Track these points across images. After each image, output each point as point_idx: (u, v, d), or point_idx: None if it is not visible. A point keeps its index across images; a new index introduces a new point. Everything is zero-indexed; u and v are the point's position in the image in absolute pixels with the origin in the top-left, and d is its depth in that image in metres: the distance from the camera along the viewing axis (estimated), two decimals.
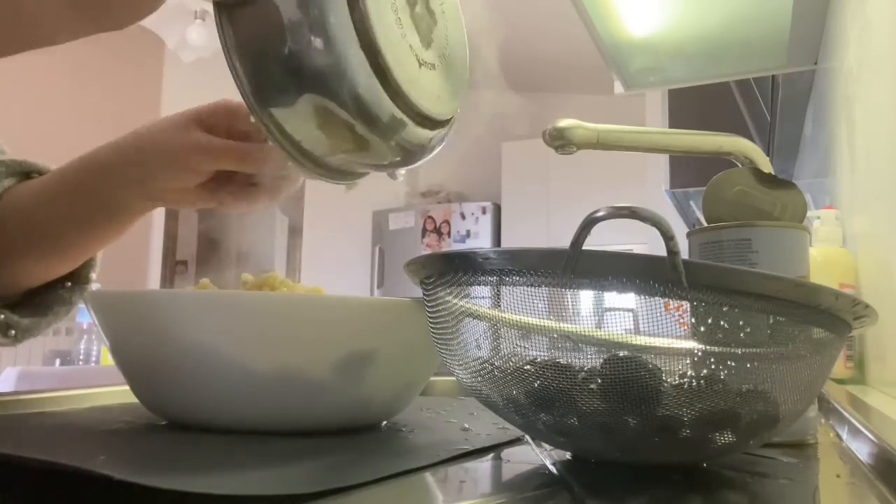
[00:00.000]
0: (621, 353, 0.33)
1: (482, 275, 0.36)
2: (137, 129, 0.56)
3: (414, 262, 0.40)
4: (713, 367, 0.34)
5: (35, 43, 0.39)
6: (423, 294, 0.41)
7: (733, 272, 0.33)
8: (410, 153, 0.45)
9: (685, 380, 0.34)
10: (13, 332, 0.59)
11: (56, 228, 0.58)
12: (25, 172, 0.60)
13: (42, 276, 0.61)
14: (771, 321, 0.33)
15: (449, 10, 0.48)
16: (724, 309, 0.32)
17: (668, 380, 0.33)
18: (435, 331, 0.40)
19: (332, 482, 0.30)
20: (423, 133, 0.44)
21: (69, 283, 0.63)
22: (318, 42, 0.39)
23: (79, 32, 0.38)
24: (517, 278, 0.35)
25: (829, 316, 0.34)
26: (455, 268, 0.37)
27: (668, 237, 0.31)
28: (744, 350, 0.33)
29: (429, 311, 0.41)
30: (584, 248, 0.32)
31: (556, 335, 0.35)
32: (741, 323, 0.33)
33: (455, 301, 0.38)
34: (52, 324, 0.62)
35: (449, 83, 0.47)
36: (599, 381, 0.33)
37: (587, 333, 0.34)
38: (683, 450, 0.35)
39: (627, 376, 0.33)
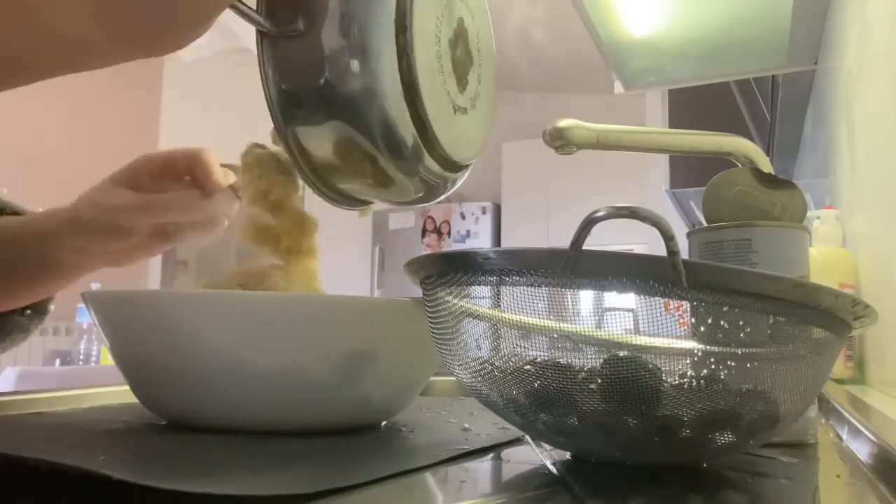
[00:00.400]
0: (621, 353, 0.33)
1: (482, 275, 0.36)
2: (80, 196, 0.58)
3: (414, 262, 0.40)
4: (713, 367, 0.34)
5: (69, 67, 0.38)
6: (423, 294, 0.41)
7: (733, 272, 0.33)
8: (431, 191, 0.46)
9: (685, 380, 0.34)
10: None
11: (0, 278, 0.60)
12: None
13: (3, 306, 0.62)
14: (771, 321, 0.33)
15: (483, 47, 0.48)
16: (724, 309, 0.32)
17: (668, 380, 0.33)
18: (435, 331, 0.40)
19: (332, 482, 0.30)
20: (447, 175, 0.45)
21: (28, 311, 0.64)
22: (359, 83, 0.39)
23: (113, 57, 0.37)
24: (517, 278, 0.35)
25: (829, 316, 0.34)
26: (455, 268, 0.37)
27: (668, 237, 0.31)
28: (744, 350, 0.33)
29: (429, 311, 0.41)
30: (584, 248, 0.32)
31: (556, 335, 0.35)
32: (741, 323, 0.33)
33: (455, 301, 0.38)
34: (7, 349, 0.64)
35: (476, 125, 0.48)
36: (599, 381, 0.33)
37: (587, 333, 0.34)
38: (683, 450, 0.35)
39: (627, 376, 0.33)
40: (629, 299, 0.33)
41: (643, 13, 1.28)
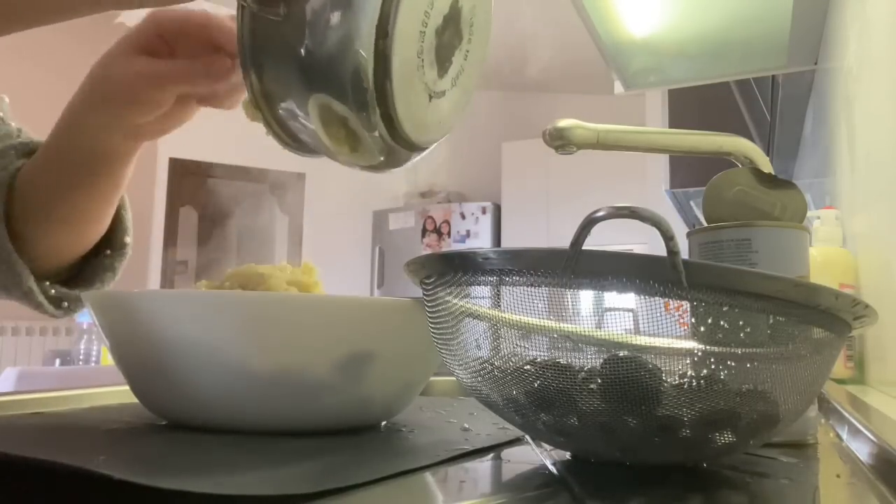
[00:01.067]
0: (621, 353, 0.33)
1: (482, 275, 0.36)
2: (92, 67, 0.54)
3: (414, 262, 0.40)
4: (713, 367, 0.34)
5: (57, 13, 0.39)
6: (423, 294, 0.41)
7: (733, 272, 0.33)
8: (391, 160, 0.45)
9: (685, 380, 0.34)
10: (66, 303, 0.61)
11: (60, 192, 0.58)
12: (34, 151, 0.61)
13: (76, 243, 0.62)
14: (771, 321, 0.33)
15: (479, 20, 0.47)
16: (724, 309, 0.32)
17: (668, 380, 0.33)
18: (435, 331, 0.40)
19: (332, 482, 0.30)
20: (408, 154, 0.45)
21: (108, 251, 0.64)
22: (331, 38, 0.39)
23: (101, 3, 0.38)
24: (517, 278, 0.35)
25: (829, 316, 0.34)
26: (455, 268, 0.37)
27: (668, 237, 0.31)
28: (744, 350, 0.33)
29: (429, 311, 0.41)
30: (584, 248, 0.32)
31: (556, 335, 0.35)
32: (741, 323, 0.33)
33: (455, 301, 0.38)
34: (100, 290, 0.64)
35: (453, 102, 0.47)
36: (599, 381, 0.33)
37: (587, 333, 0.34)
38: (683, 450, 0.35)
39: (627, 376, 0.33)
40: (629, 299, 0.33)
41: (643, 13, 1.28)
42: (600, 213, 0.33)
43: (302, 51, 0.39)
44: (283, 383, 0.42)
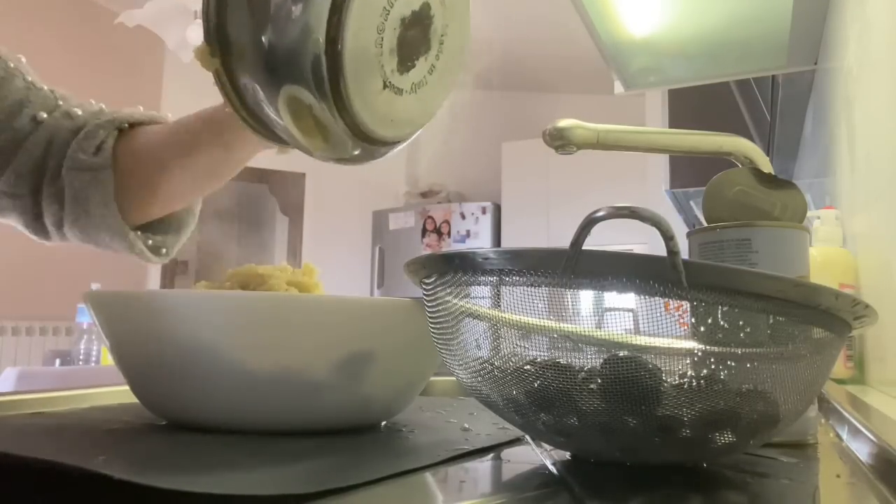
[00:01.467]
0: (621, 353, 0.33)
1: (482, 275, 0.36)
2: None
3: (414, 262, 0.40)
4: (713, 367, 0.34)
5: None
6: (423, 294, 0.41)
7: (733, 272, 0.33)
8: (342, 152, 0.46)
9: (685, 380, 0.34)
10: (164, 250, 0.65)
11: (175, 180, 0.62)
12: (119, 128, 0.63)
13: (191, 196, 0.66)
14: (771, 321, 0.33)
15: (449, 46, 0.48)
16: (724, 309, 0.33)
17: (668, 380, 0.33)
18: (435, 331, 0.40)
19: (332, 482, 0.30)
20: (357, 143, 0.45)
21: None
22: (293, 35, 0.40)
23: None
24: (517, 278, 0.35)
25: (829, 316, 0.34)
26: (455, 268, 0.37)
27: (668, 237, 0.31)
28: (744, 350, 0.33)
29: (429, 311, 0.41)
30: (584, 248, 0.32)
31: (556, 335, 0.35)
32: (741, 323, 0.33)
33: (455, 301, 0.38)
34: (185, 239, 0.68)
35: (410, 112, 0.47)
36: (599, 381, 0.33)
37: (587, 333, 0.34)
38: (683, 450, 0.35)
39: (627, 376, 0.33)
40: (629, 299, 0.33)
41: (643, 13, 1.28)
42: (600, 213, 0.33)
43: (264, 38, 0.40)
44: (283, 383, 0.42)
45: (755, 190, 0.48)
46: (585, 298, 0.34)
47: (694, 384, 0.34)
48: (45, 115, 0.61)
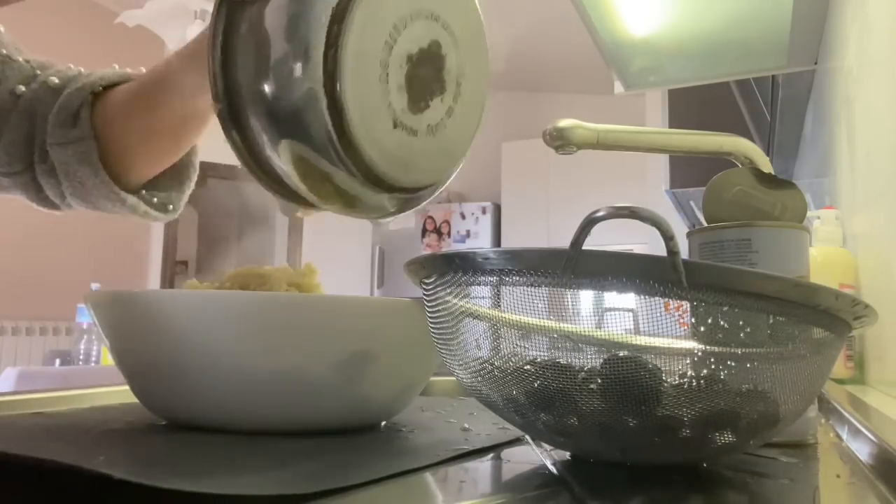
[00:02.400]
0: (621, 353, 0.33)
1: (482, 275, 0.36)
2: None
3: (414, 262, 0.40)
4: (713, 367, 0.34)
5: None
6: (423, 294, 0.41)
7: (733, 272, 0.33)
8: (349, 204, 0.44)
9: (685, 380, 0.34)
10: (171, 206, 0.64)
11: (144, 140, 0.61)
12: (93, 92, 0.62)
13: (155, 170, 0.64)
14: (771, 321, 0.33)
15: (468, 89, 0.46)
16: (724, 309, 0.32)
17: (668, 380, 0.33)
18: (435, 331, 0.40)
19: (332, 482, 0.30)
20: (372, 192, 0.43)
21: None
22: (287, 72, 0.39)
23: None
24: (517, 278, 0.35)
25: (829, 316, 0.34)
26: (455, 268, 0.37)
27: (668, 237, 0.31)
28: (744, 350, 0.33)
29: (429, 311, 0.41)
30: (584, 248, 0.32)
31: (556, 335, 0.35)
32: (741, 323, 0.33)
33: (455, 301, 0.38)
34: (189, 191, 0.67)
35: (431, 156, 0.45)
36: (599, 381, 0.33)
37: (587, 333, 0.34)
38: (683, 450, 0.35)
39: (627, 376, 0.33)
40: (629, 299, 0.33)
41: (643, 13, 1.28)
42: (600, 213, 0.33)
43: (266, 88, 0.40)
44: (282, 383, 0.42)
45: (755, 190, 0.48)
46: (585, 298, 0.34)
47: (694, 384, 0.34)
48: (23, 89, 0.60)
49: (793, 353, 0.34)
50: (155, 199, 0.63)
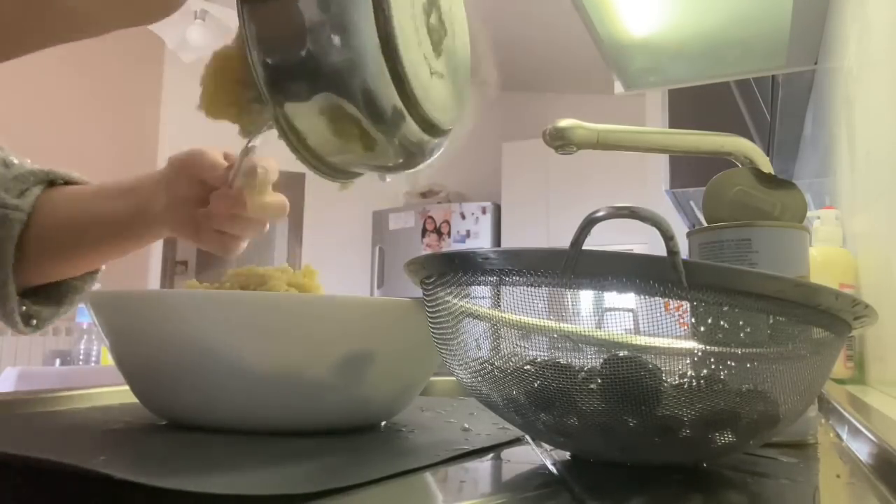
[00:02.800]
0: (621, 353, 0.33)
1: (482, 275, 0.36)
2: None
3: (414, 262, 0.40)
4: (713, 367, 0.34)
5: (67, 34, 0.39)
6: (423, 294, 0.41)
7: (733, 272, 0.33)
8: (411, 156, 0.45)
9: (685, 380, 0.34)
10: (34, 321, 0.63)
11: (98, 231, 0.62)
12: (51, 181, 0.63)
13: (70, 273, 0.64)
14: (771, 321, 0.33)
15: (457, 25, 0.48)
16: (724, 309, 0.33)
17: (668, 380, 0.33)
18: (435, 331, 0.40)
19: (332, 482, 0.30)
20: (425, 138, 0.45)
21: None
22: (337, 42, 0.39)
23: (110, 24, 0.39)
24: (517, 278, 0.35)
25: (829, 316, 0.34)
26: (455, 268, 0.37)
27: (668, 237, 0.31)
28: (744, 350, 0.33)
29: (429, 311, 0.41)
30: (584, 248, 0.32)
31: (556, 335, 0.35)
32: (741, 323, 0.33)
33: (455, 301, 0.38)
34: (67, 312, 0.66)
35: (453, 94, 0.47)
36: (599, 381, 0.33)
37: (587, 333, 0.34)
38: (683, 450, 0.35)
39: (627, 376, 0.33)
40: (629, 299, 0.33)
41: (643, 13, 1.28)
42: (600, 213, 0.33)
43: (308, 55, 0.39)
44: (283, 383, 0.42)
45: (755, 190, 0.48)
46: (585, 298, 0.34)
47: (694, 384, 0.34)
48: None
49: (793, 353, 0.34)
50: (24, 307, 0.61)
